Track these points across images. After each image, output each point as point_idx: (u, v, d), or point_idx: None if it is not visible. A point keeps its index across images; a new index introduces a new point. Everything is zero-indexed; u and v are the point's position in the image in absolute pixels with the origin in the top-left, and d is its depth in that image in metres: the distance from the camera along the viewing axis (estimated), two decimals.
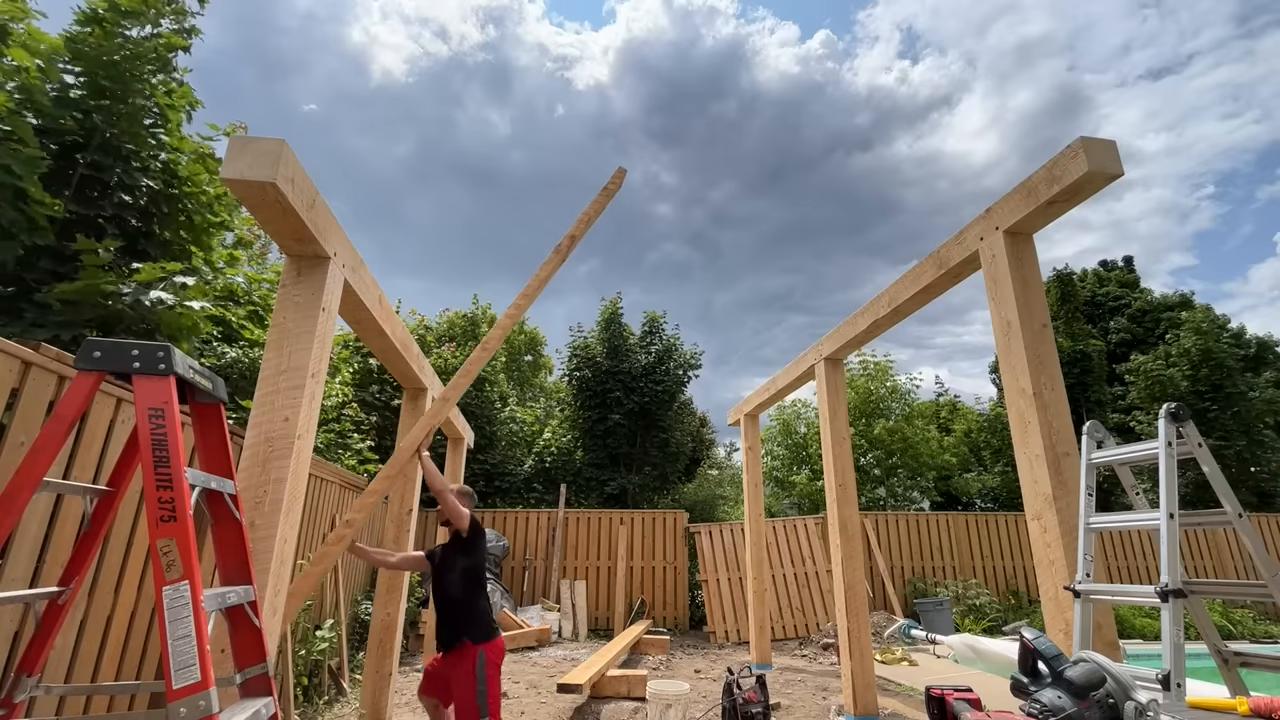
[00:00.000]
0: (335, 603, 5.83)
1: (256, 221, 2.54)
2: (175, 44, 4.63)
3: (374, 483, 3.31)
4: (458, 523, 3.40)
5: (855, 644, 4.83)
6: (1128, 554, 10.63)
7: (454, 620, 3.31)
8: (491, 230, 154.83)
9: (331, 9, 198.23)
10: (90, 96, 4.22)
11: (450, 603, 3.35)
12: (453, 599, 3.35)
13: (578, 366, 13.31)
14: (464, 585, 3.37)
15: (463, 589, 3.36)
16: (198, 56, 4.95)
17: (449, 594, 3.36)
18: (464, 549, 3.44)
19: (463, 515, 3.40)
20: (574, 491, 12.03)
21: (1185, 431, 2.22)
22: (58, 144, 4.11)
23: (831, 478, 5.22)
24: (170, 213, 4.56)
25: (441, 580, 3.42)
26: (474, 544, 3.46)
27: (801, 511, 13.36)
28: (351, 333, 5.63)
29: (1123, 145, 2.71)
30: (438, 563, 3.51)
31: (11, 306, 3.78)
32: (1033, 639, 1.67)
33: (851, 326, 4.82)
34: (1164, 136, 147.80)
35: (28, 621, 2.41)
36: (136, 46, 4.32)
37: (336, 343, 9.02)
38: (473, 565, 3.43)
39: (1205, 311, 16.42)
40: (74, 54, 4.21)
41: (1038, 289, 3.05)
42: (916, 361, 67.86)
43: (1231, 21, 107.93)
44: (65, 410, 1.56)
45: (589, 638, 9.04)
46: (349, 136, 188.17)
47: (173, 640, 1.37)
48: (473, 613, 3.34)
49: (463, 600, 3.35)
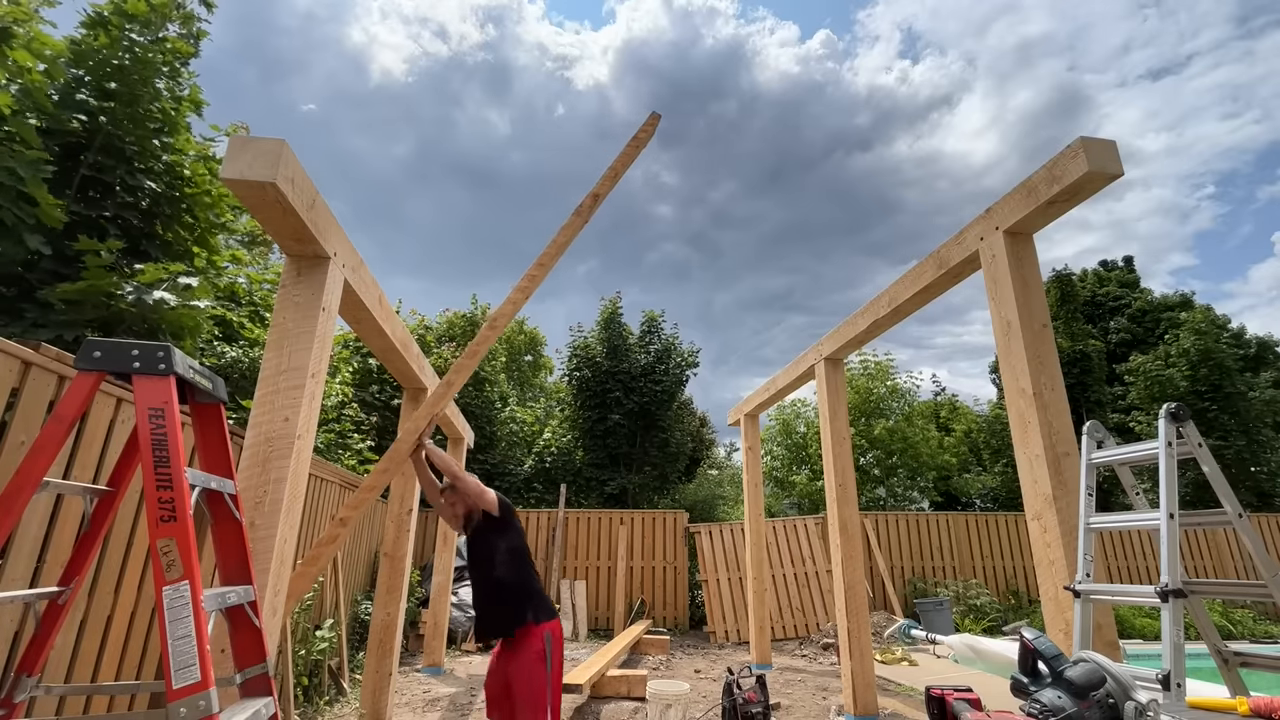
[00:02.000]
0: (335, 603, 5.83)
1: (256, 221, 2.54)
2: (182, 50, 4.63)
3: (370, 477, 3.13)
4: (482, 504, 3.17)
5: (855, 644, 4.84)
6: (1128, 554, 10.63)
7: (510, 603, 3.04)
8: (490, 230, 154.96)
9: (331, 9, 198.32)
10: (95, 99, 4.22)
11: (501, 586, 3.08)
12: (502, 582, 3.08)
13: (577, 366, 13.31)
14: (512, 565, 3.11)
15: (512, 569, 3.10)
16: (201, 55, 4.95)
17: (497, 577, 3.09)
18: (498, 528, 3.19)
19: (485, 493, 3.17)
20: (574, 491, 12.03)
21: (1185, 431, 2.22)
22: (60, 145, 4.11)
23: (831, 478, 5.23)
24: (173, 214, 4.56)
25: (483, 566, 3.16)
26: (507, 522, 3.22)
27: (801, 511, 13.36)
28: (351, 333, 5.64)
29: (1123, 145, 2.71)
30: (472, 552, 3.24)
31: (13, 307, 3.78)
32: (1033, 639, 1.67)
33: (851, 326, 4.82)
34: (1164, 136, 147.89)
35: (28, 621, 2.41)
36: (143, 52, 4.31)
37: (336, 343, 9.02)
38: (514, 544, 3.18)
39: (1205, 311, 16.42)
40: (78, 56, 4.20)
41: (1038, 289, 3.05)
42: (916, 361, 67.91)
43: (1231, 22, 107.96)
44: (65, 410, 1.56)
45: (589, 638, 9.04)
46: (348, 136, 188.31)
47: (173, 640, 1.37)
48: (529, 591, 3.09)
49: (514, 582, 3.09)
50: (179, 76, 4.65)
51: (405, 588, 4.83)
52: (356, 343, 10.02)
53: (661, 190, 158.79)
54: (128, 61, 4.23)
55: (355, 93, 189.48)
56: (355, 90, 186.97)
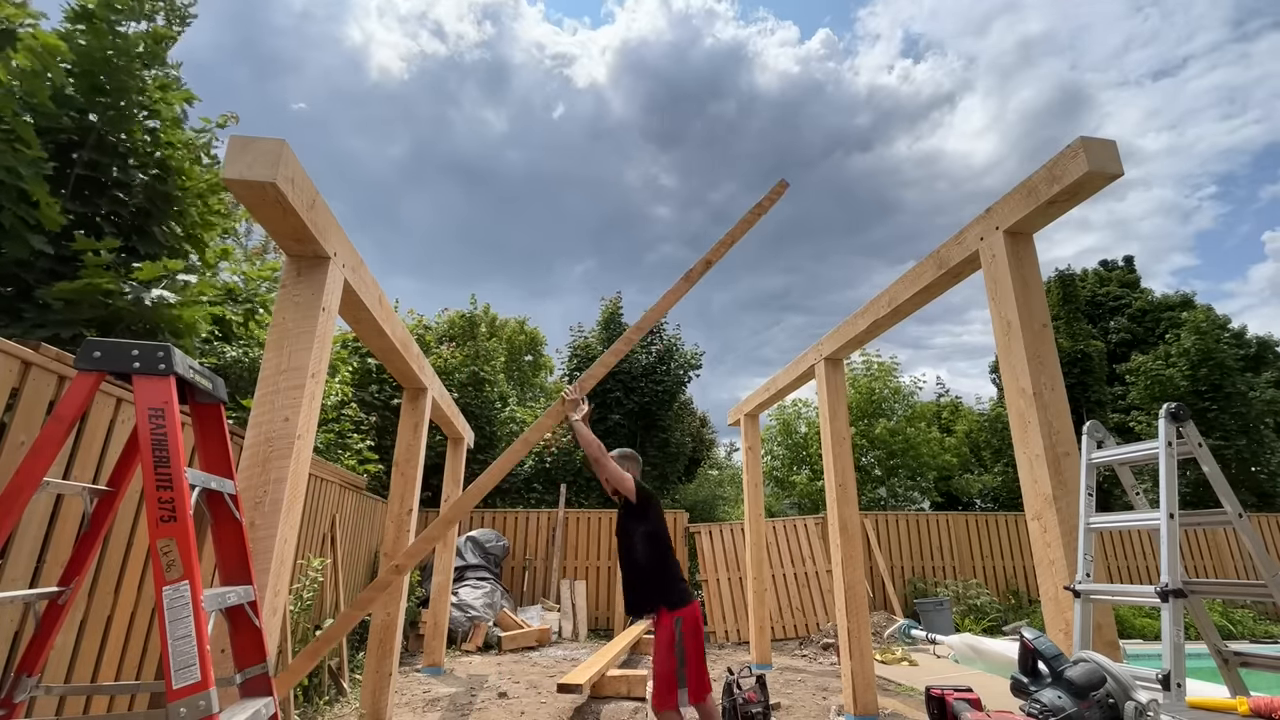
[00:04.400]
0: (335, 603, 5.83)
1: (256, 221, 2.54)
2: (164, 35, 4.61)
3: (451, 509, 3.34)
4: (623, 490, 3.29)
5: (855, 644, 4.83)
6: (1128, 554, 10.63)
7: (644, 587, 3.22)
8: (487, 231, 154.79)
9: (327, 7, 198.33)
10: (85, 94, 4.21)
11: (637, 570, 3.25)
12: (639, 565, 3.24)
13: (578, 366, 13.32)
14: (648, 551, 3.25)
15: (648, 555, 3.24)
16: (194, 54, 4.95)
17: (634, 560, 3.25)
18: (637, 514, 3.32)
19: (625, 480, 3.28)
20: (574, 491, 12.02)
21: (1185, 431, 2.22)
22: (55, 143, 4.11)
23: (831, 478, 5.22)
24: (165, 209, 4.54)
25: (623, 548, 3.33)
26: (646, 508, 3.34)
27: (801, 511, 13.36)
28: (351, 332, 5.63)
29: (1124, 144, 2.71)
30: (619, 523, 3.42)
31: (11, 306, 3.77)
32: (1033, 639, 1.67)
33: (851, 326, 4.82)
34: (1165, 136, 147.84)
35: (28, 621, 2.41)
36: (126, 42, 4.29)
37: (336, 342, 9.02)
38: (652, 530, 3.31)
39: (1205, 311, 16.42)
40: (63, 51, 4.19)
41: (1038, 289, 3.05)
42: (916, 361, 67.94)
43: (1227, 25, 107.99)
44: (65, 410, 1.56)
45: (589, 638, 9.04)
46: (345, 136, 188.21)
47: (173, 640, 1.37)
48: (664, 578, 3.23)
49: (649, 566, 3.23)
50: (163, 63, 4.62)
51: (405, 588, 4.83)
52: (356, 343, 10.01)
53: (660, 193, 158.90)
54: (112, 54, 4.21)
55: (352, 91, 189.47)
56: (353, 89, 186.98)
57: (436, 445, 8.82)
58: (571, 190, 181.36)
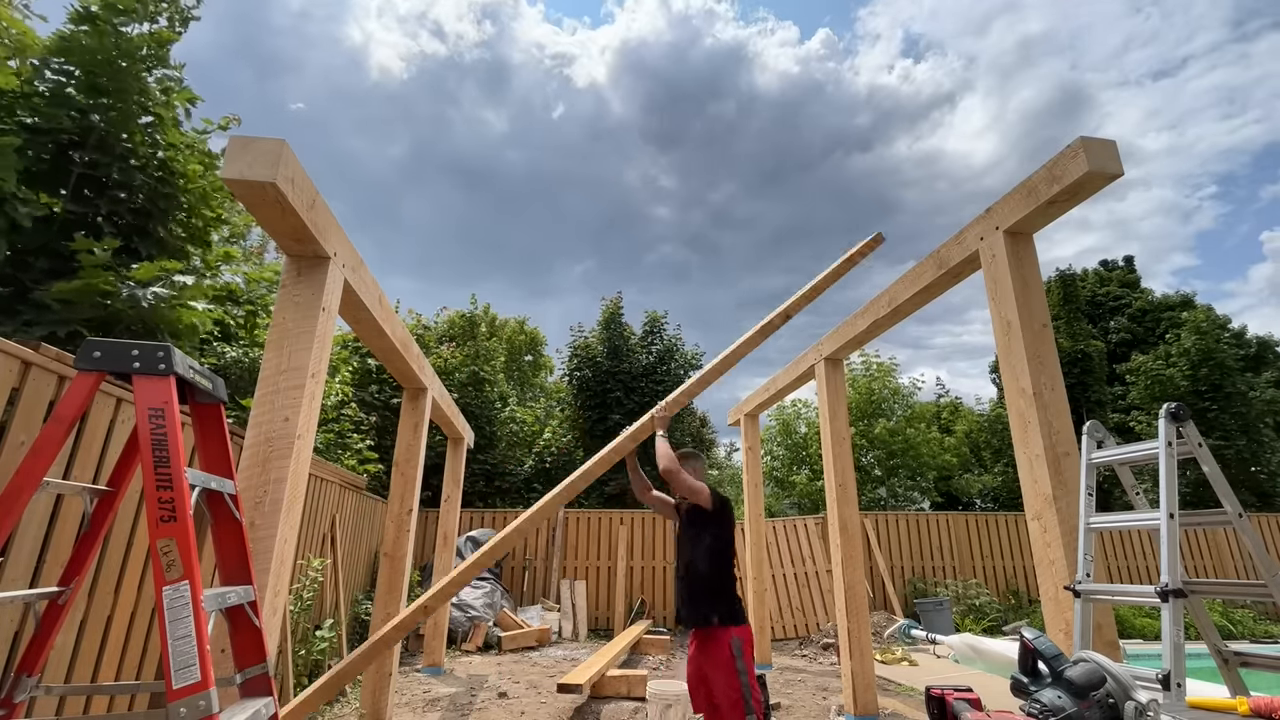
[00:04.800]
0: (335, 603, 5.83)
1: (256, 221, 2.54)
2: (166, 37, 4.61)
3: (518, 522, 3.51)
4: (699, 501, 3.17)
5: (855, 644, 4.83)
6: (1128, 554, 10.63)
7: (700, 596, 3.07)
8: (487, 231, 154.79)
9: (327, 7, 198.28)
10: (86, 95, 4.21)
11: (696, 577, 3.11)
12: (699, 573, 3.10)
13: (578, 366, 13.31)
14: (712, 559, 3.11)
15: (712, 565, 3.10)
16: (194, 54, 4.96)
17: (697, 570, 3.11)
18: (709, 522, 3.17)
19: (700, 490, 3.15)
20: None
21: (1185, 431, 2.22)
22: (55, 144, 4.10)
23: (831, 478, 5.22)
24: (166, 210, 4.54)
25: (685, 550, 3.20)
26: (721, 515, 3.19)
27: (801, 511, 13.36)
28: (351, 332, 5.63)
29: (1124, 144, 2.71)
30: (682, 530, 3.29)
31: (9, 306, 3.76)
32: (1033, 639, 1.67)
33: (851, 326, 4.82)
34: (1165, 136, 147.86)
35: (28, 621, 2.41)
36: (129, 43, 4.30)
37: (336, 342, 9.02)
38: (721, 539, 3.17)
39: (1206, 311, 16.43)
40: (64, 51, 4.18)
41: (1038, 289, 3.05)
42: (916, 361, 67.95)
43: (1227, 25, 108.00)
44: (65, 410, 1.56)
45: (589, 638, 9.04)
46: (344, 136, 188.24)
47: (173, 640, 1.37)
48: (723, 591, 3.08)
49: (709, 575, 3.09)
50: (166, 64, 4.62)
51: (405, 588, 4.83)
52: (356, 343, 10.02)
53: (660, 194, 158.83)
54: (115, 55, 4.21)
55: (352, 91, 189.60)
56: (352, 89, 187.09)
57: (436, 445, 8.82)
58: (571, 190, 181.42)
